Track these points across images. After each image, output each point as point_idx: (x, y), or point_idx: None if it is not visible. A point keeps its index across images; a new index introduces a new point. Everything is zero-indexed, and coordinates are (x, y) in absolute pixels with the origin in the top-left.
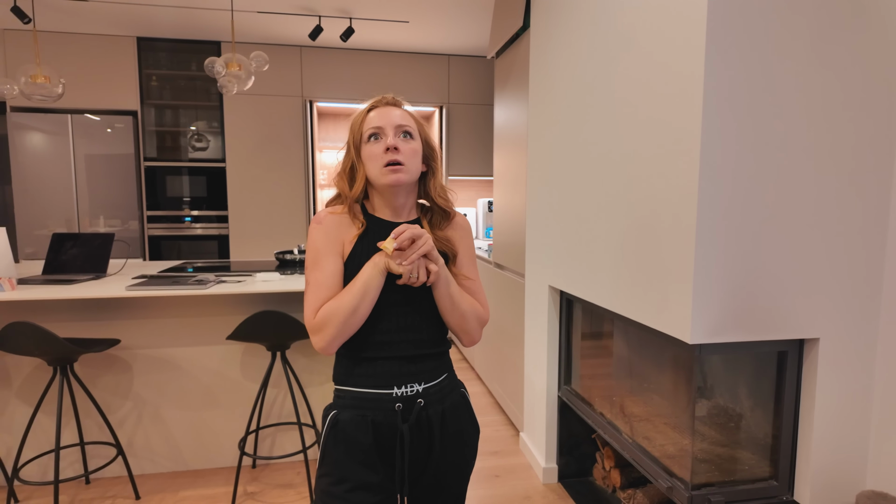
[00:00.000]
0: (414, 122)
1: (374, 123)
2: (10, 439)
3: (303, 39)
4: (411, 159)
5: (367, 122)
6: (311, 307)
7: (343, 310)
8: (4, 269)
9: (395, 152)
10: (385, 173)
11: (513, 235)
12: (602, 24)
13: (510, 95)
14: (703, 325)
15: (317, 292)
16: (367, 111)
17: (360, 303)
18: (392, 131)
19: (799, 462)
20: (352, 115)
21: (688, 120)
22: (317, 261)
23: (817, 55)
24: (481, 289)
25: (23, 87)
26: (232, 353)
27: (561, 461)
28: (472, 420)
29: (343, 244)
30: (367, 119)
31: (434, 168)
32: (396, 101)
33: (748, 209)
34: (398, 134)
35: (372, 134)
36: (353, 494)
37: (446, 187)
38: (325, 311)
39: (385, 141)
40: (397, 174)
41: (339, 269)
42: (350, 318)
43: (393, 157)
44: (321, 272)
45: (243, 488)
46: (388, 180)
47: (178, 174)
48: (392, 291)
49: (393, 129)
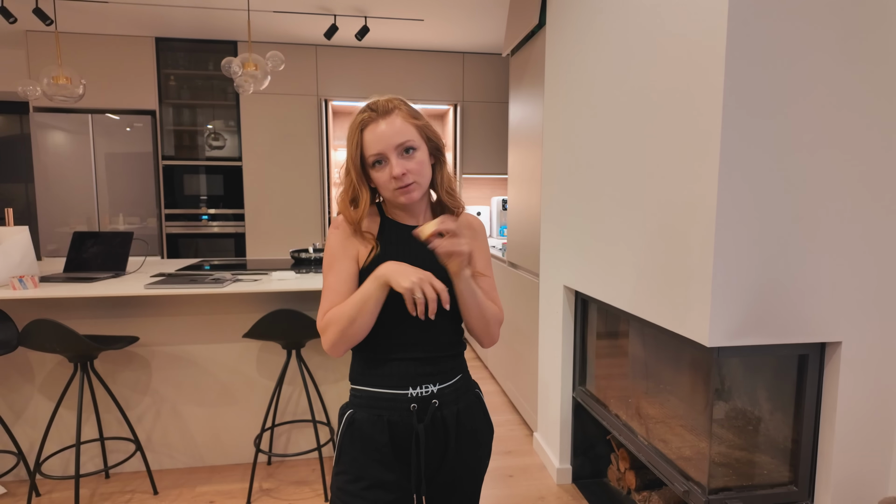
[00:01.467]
0: (413, 129)
1: (374, 150)
2: (32, 434)
3: (318, 39)
4: (420, 174)
5: (365, 146)
6: (322, 309)
7: (342, 319)
8: (27, 267)
9: (403, 177)
10: (398, 196)
11: (527, 234)
12: (620, 21)
13: (525, 93)
14: (722, 328)
15: (328, 295)
16: (359, 130)
17: (357, 314)
18: (394, 154)
19: (819, 467)
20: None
21: (708, 119)
22: (331, 265)
23: (844, 53)
24: (495, 287)
25: (45, 88)
26: (248, 350)
27: (575, 462)
28: (487, 420)
29: (359, 249)
30: (364, 142)
31: (441, 162)
32: (387, 107)
33: (769, 211)
34: (400, 154)
35: (375, 160)
36: (369, 492)
37: (454, 179)
38: (328, 317)
39: (390, 167)
40: (410, 194)
41: (351, 273)
42: (348, 329)
43: (401, 182)
44: (334, 276)
45: (259, 484)
46: (402, 201)
47: (195, 173)
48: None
49: (394, 150)
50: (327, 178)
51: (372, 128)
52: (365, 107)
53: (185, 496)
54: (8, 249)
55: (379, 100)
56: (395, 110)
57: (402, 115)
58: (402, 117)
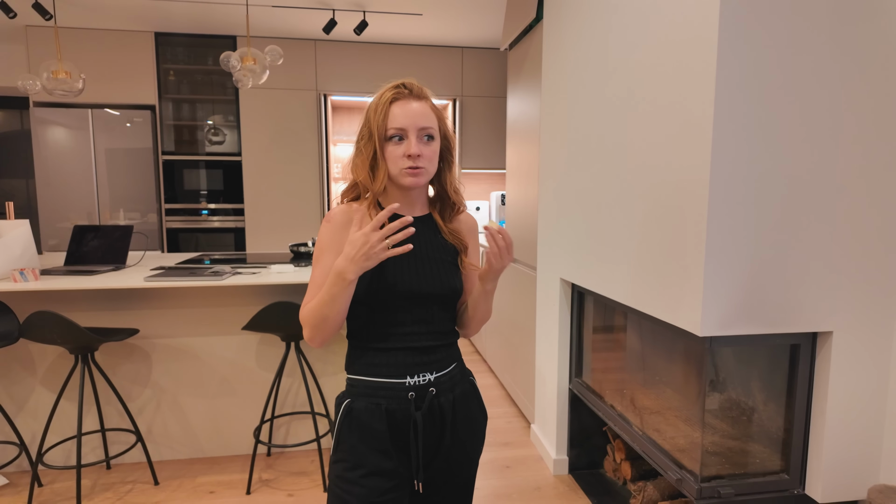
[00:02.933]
0: (436, 119)
1: (398, 124)
2: (34, 425)
3: (317, 33)
4: (431, 162)
5: (391, 118)
6: (305, 301)
7: (316, 317)
8: (28, 260)
9: (417, 159)
10: (404, 175)
11: (525, 228)
12: (615, 14)
13: (523, 87)
14: (714, 318)
15: (311, 289)
16: (389, 102)
17: (329, 312)
18: (415, 134)
19: (811, 455)
20: (373, 100)
21: (700, 111)
22: (319, 258)
23: (835, 43)
24: None
25: (45, 83)
26: (247, 343)
27: (571, 453)
28: (481, 407)
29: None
30: (390, 114)
31: (450, 161)
32: (420, 92)
33: (761, 201)
34: (421, 138)
35: (394, 135)
36: (367, 479)
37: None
38: (304, 313)
39: (407, 145)
40: (417, 178)
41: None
42: (323, 325)
43: (414, 163)
44: (320, 270)
45: (258, 475)
46: (406, 182)
47: (195, 167)
48: (405, 285)
49: (416, 131)
50: (326, 172)
51: (402, 103)
52: (398, 84)
53: (185, 486)
54: (9, 243)
55: (413, 82)
56: (426, 97)
57: (431, 105)
58: (430, 107)
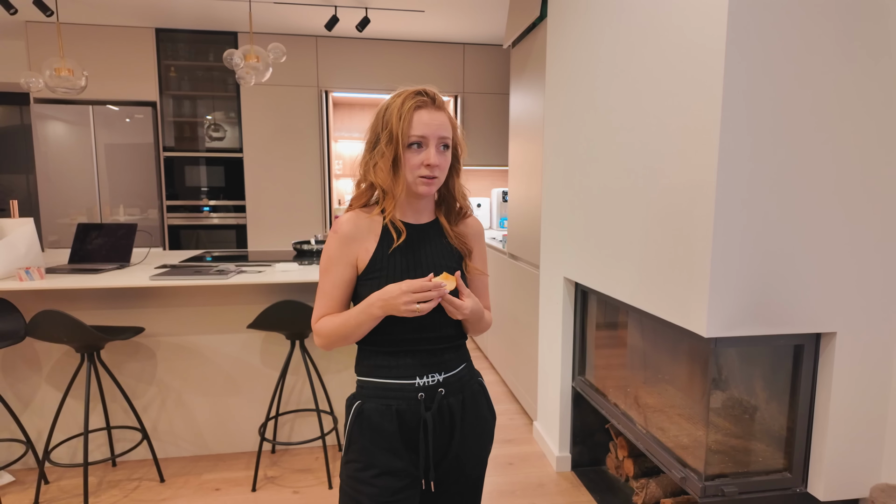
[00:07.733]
0: (452, 129)
1: (420, 131)
2: (41, 423)
3: (319, 30)
4: (444, 172)
5: (414, 124)
6: (315, 311)
7: (337, 334)
8: (32, 258)
9: (434, 169)
10: (420, 183)
11: (527, 226)
12: (621, 12)
13: (526, 85)
14: (720, 319)
15: (321, 298)
16: (412, 109)
17: (352, 333)
18: (434, 144)
19: (813, 454)
20: (391, 102)
21: (707, 111)
22: (328, 269)
23: (842, 47)
24: (487, 286)
25: (47, 80)
26: (252, 341)
27: (574, 450)
28: (490, 407)
29: (358, 254)
30: (414, 120)
31: (458, 169)
32: (441, 101)
33: (767, 202)
34: (439, 147)
35: (415, 142)
36: (379, 479)
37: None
38: (323, 326)
39: (427, 153)
40: (430, 187)
41: (346, 280)
42: (343, 342)
43: (431, 172)
44: (330, 282)
45: (263, 472)
46: (421, 191)
47: (196, 164)
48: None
49: (436, 140)
50: (328, 169)
51: (426, 111)
52: (416, 91)
53: (190, 483)
54: (13, 241)
55: (432, 90)
56: (445, 108)
57: (448, 116)
58: (448, 117)
